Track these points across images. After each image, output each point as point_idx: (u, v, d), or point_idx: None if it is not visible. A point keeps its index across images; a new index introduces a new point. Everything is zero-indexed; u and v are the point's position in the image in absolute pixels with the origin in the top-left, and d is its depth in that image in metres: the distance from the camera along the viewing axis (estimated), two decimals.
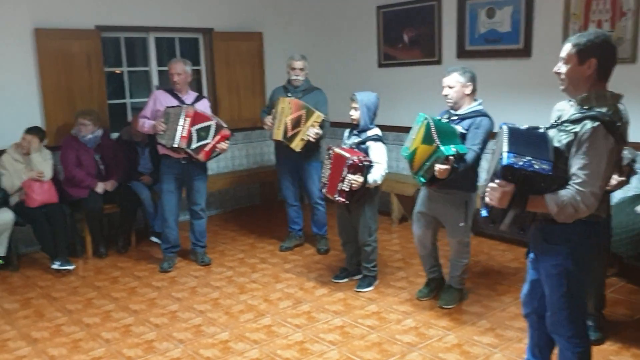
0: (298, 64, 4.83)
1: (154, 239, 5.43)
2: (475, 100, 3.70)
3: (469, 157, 3.50)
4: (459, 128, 3.55)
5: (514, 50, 4.91)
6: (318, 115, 4.58)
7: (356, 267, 4.38)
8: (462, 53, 5.29)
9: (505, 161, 2.16)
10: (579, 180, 2.18)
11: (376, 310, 3.89)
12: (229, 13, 6.37)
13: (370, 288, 4.22)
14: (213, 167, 6.28)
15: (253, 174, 6.63)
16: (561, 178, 2.22)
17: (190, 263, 4.93)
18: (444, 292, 3.94)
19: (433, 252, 3.96)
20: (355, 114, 4.00)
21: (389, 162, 5.93)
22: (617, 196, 4.13)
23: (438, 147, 3.29)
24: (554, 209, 2.20)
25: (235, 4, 6.41)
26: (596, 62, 2.24)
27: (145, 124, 4.65)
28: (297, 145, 4.66)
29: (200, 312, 3.94)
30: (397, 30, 5.85)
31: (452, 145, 3.32)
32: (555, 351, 2.59)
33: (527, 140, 2.25)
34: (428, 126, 3.39)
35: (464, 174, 3.50)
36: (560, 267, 2.36)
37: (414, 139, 3.54)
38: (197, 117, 4.47)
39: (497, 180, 2.24)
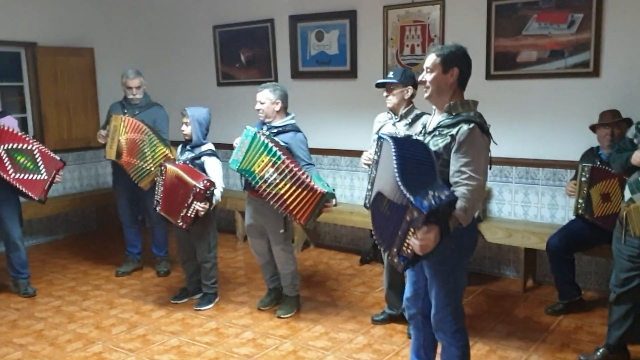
0: (134, 82, 4.68)
1: None
2: (288, 114, 3.88)
3: (313, 171, 3.69)
4: (280, 141, 3.71)
5: (342, 72, 5.24)
6: (162, 150, 4.44)
7: (196, 286, 4.32)
8: (296, 74, 5.53)
9: (425, 210, 2.13)
10: (465, 176, 2.33)
11: (215, 326, 3.87)
12: (56, 27, 6.01)
13: (210, 305, 4.19)
14: None
15: (87, 197, 6.27)
16: (447, 182, 2.38)
17: (12, 295, 4.51)
18: (282, 302, 4.05)
19: (272, 261, 4.05)
20: (187, 129, 3.99)
21: (228, 179, 6.06)
22: None
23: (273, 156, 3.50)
24: (463, 216, 2.30)
25: (62, 18, 6.07)
26: (458, 71, 2.47)
27: None
28: (146, 185, 4.48)
29: (21, 346, 3.62)
30: (234, 50, 5.95)
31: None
32: (439, 350, 2.72)
33: (413, 165, 2.29)
34: (256, 139, 3.58)
35: None
36: (445, 264, 2.49)
37: (243, 152, 3.65)
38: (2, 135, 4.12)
39: (421, 230, 2.19)
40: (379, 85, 3.62)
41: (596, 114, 3.91)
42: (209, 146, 4.06)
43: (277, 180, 3.50)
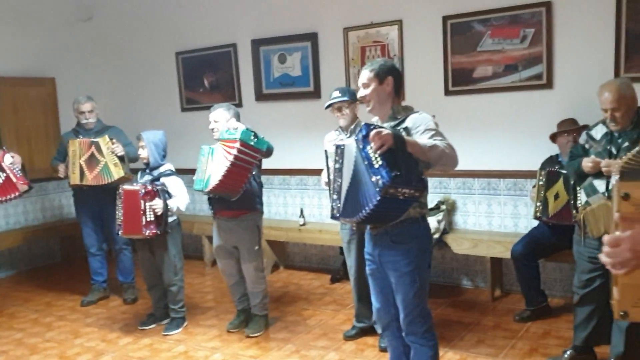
0: (85, 106, 4.70)
1: None
2: None
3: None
4: None
5: (306, 93, 5.31)
6: (104, 138, 4.48)
7: (164, 311, 4.25)
8: (260, 96, 5.58)
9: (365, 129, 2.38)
10: (438, 139, 2.44)
11: (184, 350, 3.80)
12: (15, 57, 5.95)
13: (179, 330, 4.12)
14: (0, 223, 5.70)
15: (51, 229, 6.13)
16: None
17: None
18: (250, 321, 4.01)
19: (241, 282, 4.03)
20: (143, 153, 4.00)
21: (195, 205, 6.03)
22: None
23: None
24: (427, 147, 2.38)
25: (21, 48, 6.02)
26: (392, 79, 2.64)
27: None
28: (118, 172, 4.46)
29: None
30: (197, 75, 5.98)
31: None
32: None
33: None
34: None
35: (251, 198, 3.70)
36: (412, 264, 2.57)
37: (204, 170, 3.67)
38: None
39: (372, 132, 2.32)
40: (328, 106, 3.69)
41: (552, 123, 4.04)
42: (168, 166, 4.06)
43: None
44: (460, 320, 4.06)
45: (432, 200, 4.71)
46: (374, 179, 2.28)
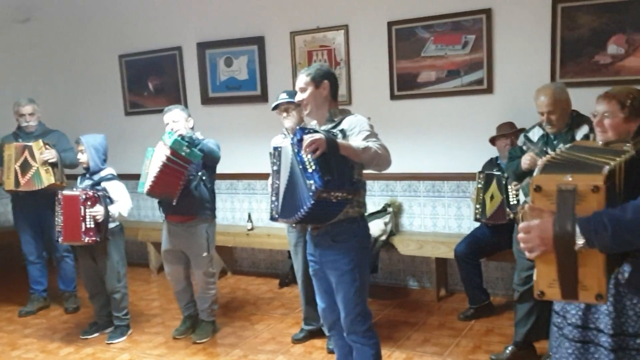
0: (26, 109, 4.53)
1: None
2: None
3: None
4: None
5: (253, 97, 5.29)
6: (37, 142, 4.33)
7: (107, 320, 4.13)
8: (206, 100, 5.52)
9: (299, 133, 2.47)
10: (372, 141, 2.54)
11: (128, 358, 3.71)
12: None
13: (123, 338, 4.01)
14: None
15: None
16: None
17: None
18: (198, 327, 3.95)
19: (188, 288, 3.98)
20: (83, 157, 3.90)
21: (140, 211, 5.90)
22: None
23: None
24: (360, 149, 2.47)
25: None
26: (329, 83, 2.70)
27: None
28: (48, 178, 4.30)
29: None
30: (142, 78, 5.86)
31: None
32: None
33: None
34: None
35: (200, 204, 3.64)
36: (352, 262, 2.62)
37: (147, 172, 3.62)
38: None
39: (306, 136, 2.41)
40: (275, 107, 3.70)
41: (492, 127, 4.17)
42: (109, 171, 3.96)
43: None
44: (407, 321, 4.12)
45: (379, 203, 4.79)
46: (307, 183, 2.37)
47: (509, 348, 3.42)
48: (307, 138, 2.38)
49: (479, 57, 4.40)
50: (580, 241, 1.55)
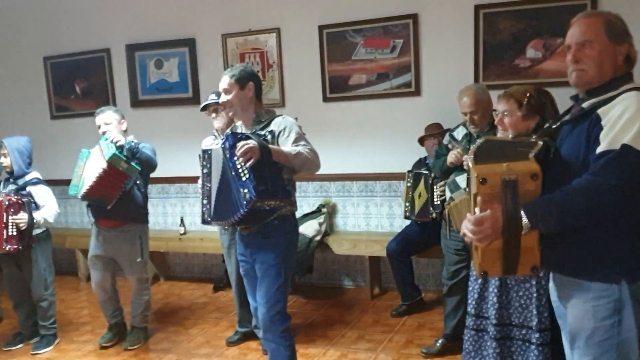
0: None
1: None
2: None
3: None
4: None
5: (184, 99, 5.23)
6: None
7: (33, 329, 3.97)
8: (136, 102, 5.41)
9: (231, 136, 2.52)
10: (302, 144, 2.60)
11: None
12: None
13: (49, 348, 3.86)
14: None
15: None
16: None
17: None
18: (129, 333, 3.86)
19: (114, 296, 3.87)
20: (6, 161, 3.75)
21: (67, 217, 5.69)
22: None
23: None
24: (291, 154, 2.54)
25: None
26: (253, 85, 2.72)
27: None
28: None
29: None
30: (68, 81, 5.67)
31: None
32: None
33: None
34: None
35: (134, 209, 3.58)
36: (279, 257, 2.66)
37: (80, 174, 3.52)
38: None
39: (239, 144, 2.45)
40: (204, 108, 3.69)
41: (421, 128, 4.29)
42: (34, 175, 3.82)
43: None
44: (342, 319, 4.17)
45: (313, 204, 4.83)
46: (242, 192, 2.40)
47: (439, 341, 3.53)
48: (241, 146, 2.40)
49: (407, 61, 4.54)
50: (526, 226, 1.66)
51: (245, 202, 2.40)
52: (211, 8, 5.04)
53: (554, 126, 1.94)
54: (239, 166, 2.42)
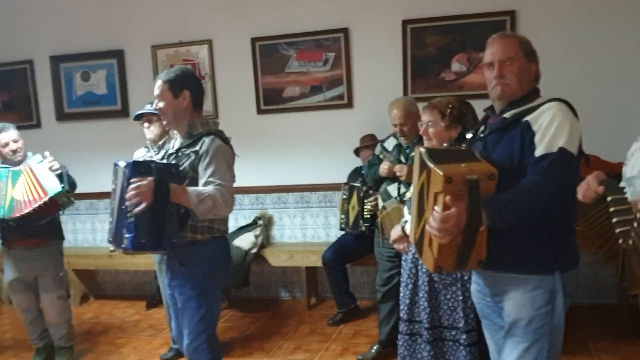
0: None
1: None
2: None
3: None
4: None
5: (113, 112, 5.10)
6: None
7: None
8: (62, 116, 5.22)
9: (129, 162, 2.29)
10: (214, 184, 2.32)
11: None
12: None
13: None
14: None
15: None
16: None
17: None
18: (57, 355, 3.68)
19: (39, 316, 3.70)
20: None
21: None
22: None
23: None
24: (195, 200, 2.27)
25: None
26: (189, 93, 2.45)
27: None
28: None
29: None
30: None
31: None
32: None
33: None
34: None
35: (56, 225, 3.55)
36: (197, 288, 2.42)
37: (4, 194, 3.35)
38: None
39: (133, 179, 2.22)
40: (137, 117, 3.62)
41: (354, 139, 4.38)
42: None
43: None
44: (279, 331, 4.16)
45: (249, 216, 4.81)
46: (124, 231, 2.26)
47: (374, 347, 3.59)
48: (131, 189, 2.19)
49: (339, 74, 4.62)
50: (485, 223, 1.76)
51: (123, 246, 2.27)
52: (140, 19, 4.96)
53: (481, 135, 2.06)
54: (128, 203, 2.22)
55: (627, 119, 3.96)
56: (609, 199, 1.31)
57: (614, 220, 1.28)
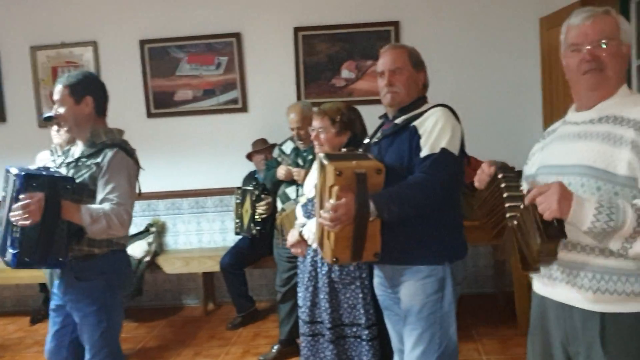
0: None
1: None
2: None
3: None
4: None
5: None
6: None
7: None
8: None
9: (21, 172, 2.13)
10: (112, 203, 2.21)
11: None
12: None
13: None
14: None
15: None
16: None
17: None
18: None
19: None
20: None
21: None
22: None
23: None
24: (88, 219, 2.16)
25: None
26: (92, 99, 2.35)
27: None
28: None
29: None
30: None
31: None
32: None
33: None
34: None
35: None
36: (96, 303, 2.30)
37: None
38: None
39: (22, 196, 2.08)
40: (47, 119, 3.41)
41: (249, 142, 4.42)
42: None
43: None
44: (177, 338, 4.10)
45: (140, 224, 4.67)
46: (7, 245, 2.18)
47: (275, 347, 3.65)
48: (20, 206, 2.07)
49: (233, 78, 4.64)
50: (373, 214, 1.92)
51: (6, 259, 2.19)
52: (18, 18, 4.66)
53: (374, 141, 2.22)
54: (13, 217, 2.10)
55: (501, 121, 4.37)
56: (499, 176, 1.50)
57: (505, 194, 1.47)
